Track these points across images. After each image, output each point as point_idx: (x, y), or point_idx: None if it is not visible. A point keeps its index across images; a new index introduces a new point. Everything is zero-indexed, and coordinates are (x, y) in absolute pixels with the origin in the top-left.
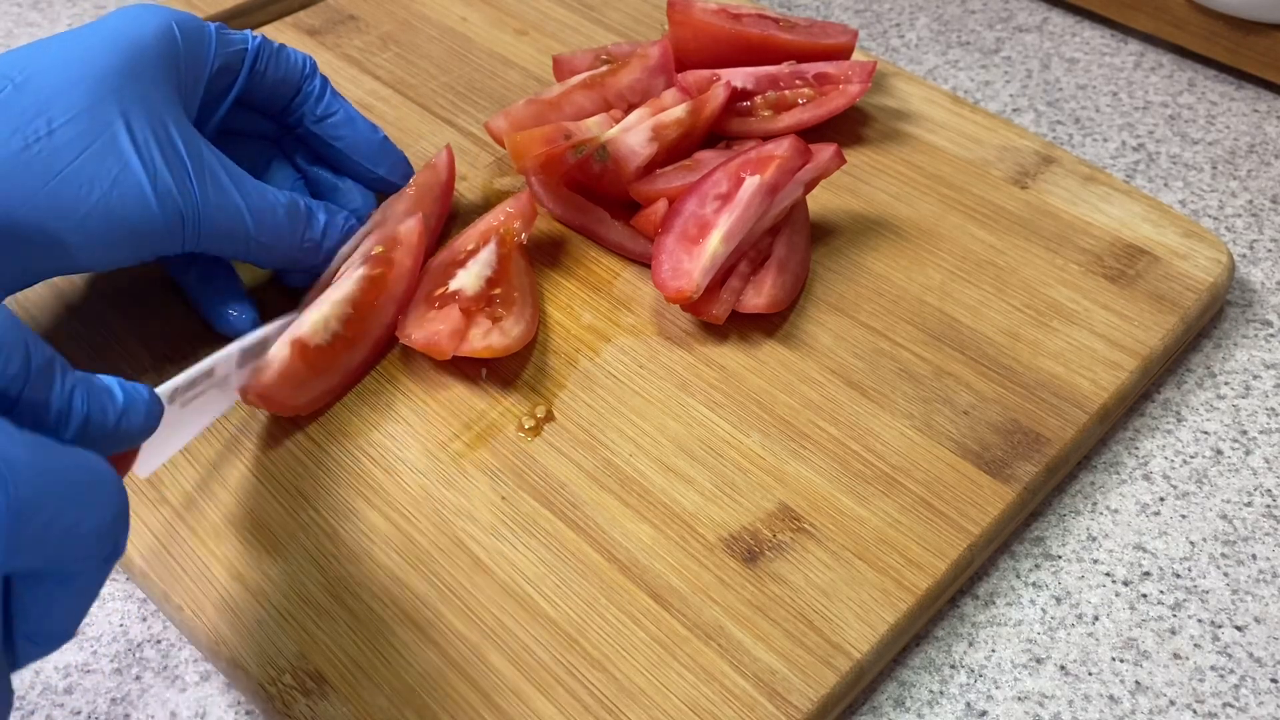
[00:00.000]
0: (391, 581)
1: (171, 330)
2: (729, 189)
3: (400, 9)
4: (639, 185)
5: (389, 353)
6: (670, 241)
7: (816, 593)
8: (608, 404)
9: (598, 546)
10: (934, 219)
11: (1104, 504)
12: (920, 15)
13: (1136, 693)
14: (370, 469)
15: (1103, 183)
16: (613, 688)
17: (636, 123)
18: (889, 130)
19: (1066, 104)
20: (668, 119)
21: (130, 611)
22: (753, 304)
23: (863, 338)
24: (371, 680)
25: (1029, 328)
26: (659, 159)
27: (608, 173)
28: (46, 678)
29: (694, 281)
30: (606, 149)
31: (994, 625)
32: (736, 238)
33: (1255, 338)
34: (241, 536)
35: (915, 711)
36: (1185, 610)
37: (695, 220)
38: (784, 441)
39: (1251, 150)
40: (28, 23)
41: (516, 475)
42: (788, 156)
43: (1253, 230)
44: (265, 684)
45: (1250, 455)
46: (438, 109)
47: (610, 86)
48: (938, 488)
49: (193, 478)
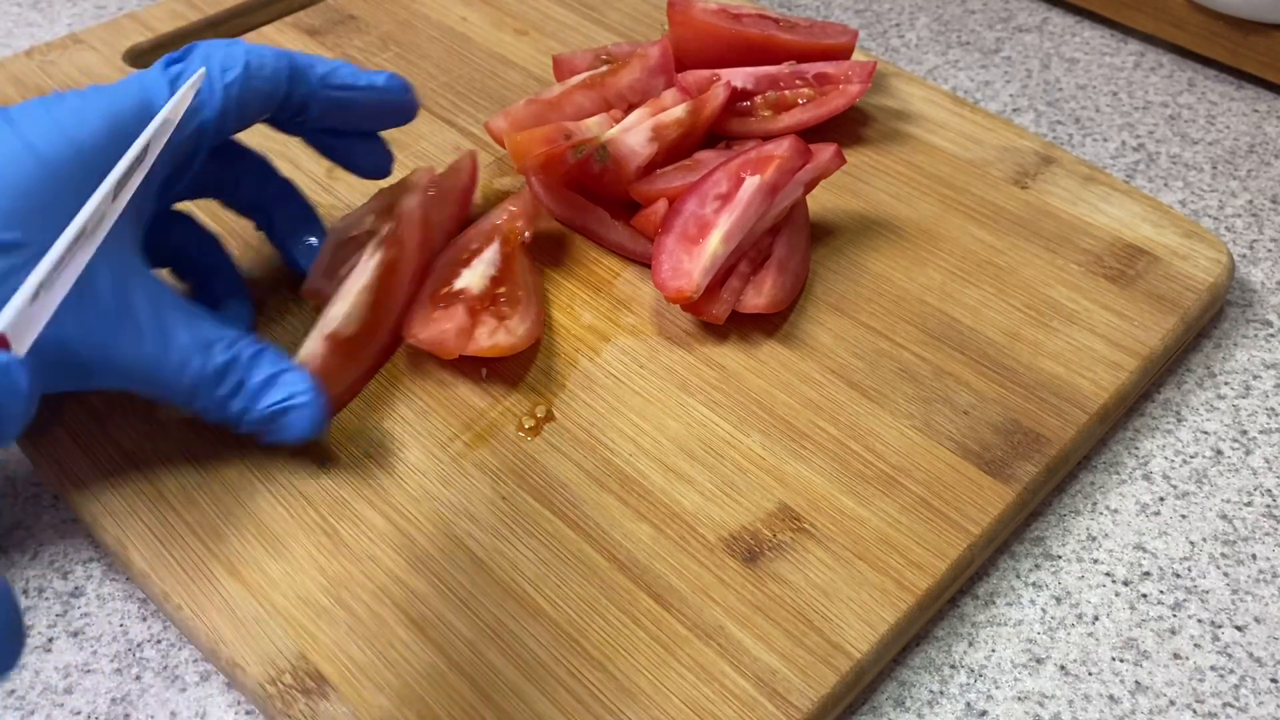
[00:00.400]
0: (391, 581)
1: None
2: (729, 189)
3: (400, 9)
4: (639, 185)
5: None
6: (670, 241)
7: (816, 593)
8: (608, 404)
9: (598, 546)
10: (934, 219)
11: (1104, 504)
12: (920, 15)
13: (1136, 693)
14: (370, 469)
15: (1103, 183)
16: (613, 688)
17: (637, 123)
18: (889, 130)
19: (1066, 104)
20: (668, 119)
21: (130, 611)
22: (753, 304)
23: (863, 338)
24: (371, 680)
25: (1029, 328)
26: (659, 159)
27: (608, 173)
28: (46, 678)
29: (694, 281)
30: (607, 149)
31: (994, 625)
32: (736, 238)
33: (1255, 338)
34: (241, 536)
35: (915, 711)
36: (1185, 610)
37: (695, 220)
38: (784, 441)
39: (1251, 150)
40: (28, 22)
41: (516, 475)
42: (788, 156)
43: (1253, 230)
44: (265, 684)
45: (1250, 455)
46: (438, 109)
47: (610, 87)
48: (938, 488)
49: (193, 478)
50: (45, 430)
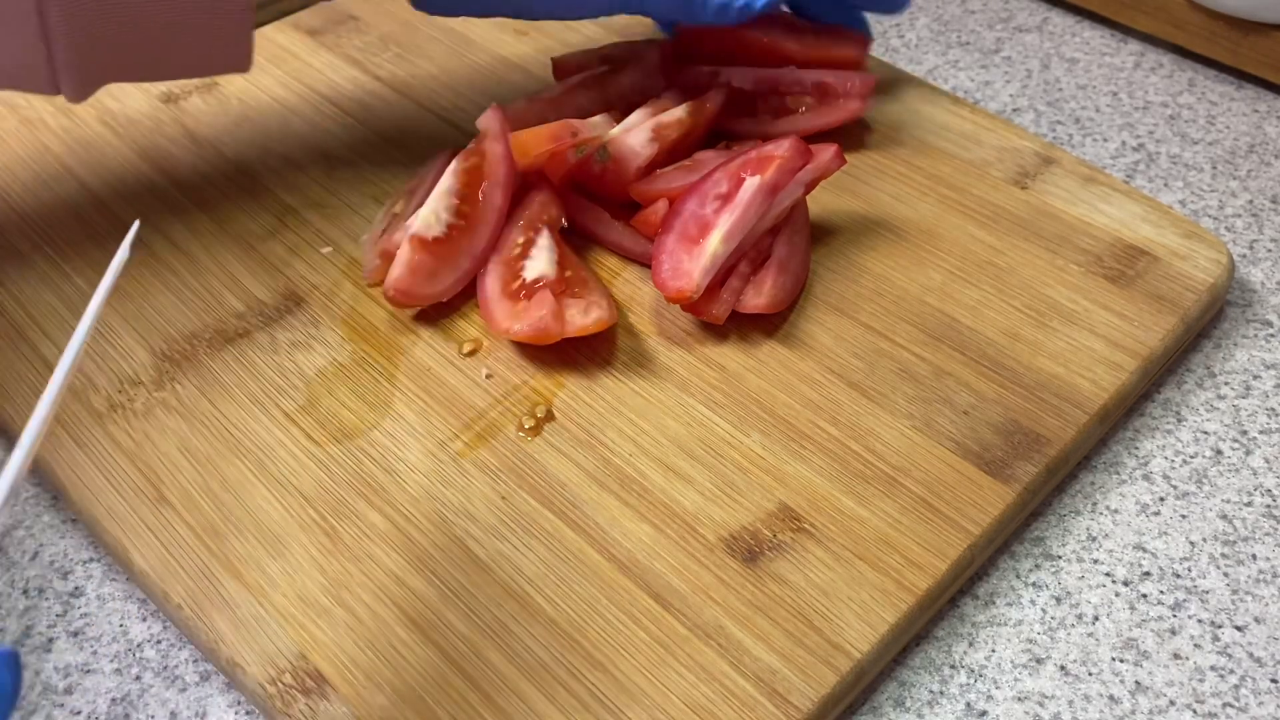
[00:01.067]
0: (391, 581)
1: (170, 329)
2: (729, 189)
3: (400, 9)
4: (639, 185)
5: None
6: (670, 241)
7: (816, 593)
8: (608, 404)
9: (598, 546)
10: (934, 219)
11: (1104, 504)
12: (920, 15)
13: (1136, 693)
14: (370, 469)
15: (1103, 183)
16: (613, 688)
17: (637, 123)
18: (889, 130)
19: (1066, 104)
20: (668, 119)
21: (130, 611)
22: (753, 304)
23: (863, 338)
24: (371, 680)
25: (1029, 328)
26: (659, 159)
27: (608, 173)
28: (47, 678)
29: (694, 281)
30: (607, 149)
31: (994, 625)
32: (736, 238)
33: (1255, 338)
34: (241, 536)
35: (915, 711)
36: (1185, 610)
37: (695, 220)
38: (784, 441)
39: (1251, 150)
40: None
41: (516, 475)
42: (788, 157)
43: (1253, 230)
44: (265, 684)
45: (1250, 455)
46: (438, 109)
47: (611, 87)
48: (938, 488)
49: (193, 478)
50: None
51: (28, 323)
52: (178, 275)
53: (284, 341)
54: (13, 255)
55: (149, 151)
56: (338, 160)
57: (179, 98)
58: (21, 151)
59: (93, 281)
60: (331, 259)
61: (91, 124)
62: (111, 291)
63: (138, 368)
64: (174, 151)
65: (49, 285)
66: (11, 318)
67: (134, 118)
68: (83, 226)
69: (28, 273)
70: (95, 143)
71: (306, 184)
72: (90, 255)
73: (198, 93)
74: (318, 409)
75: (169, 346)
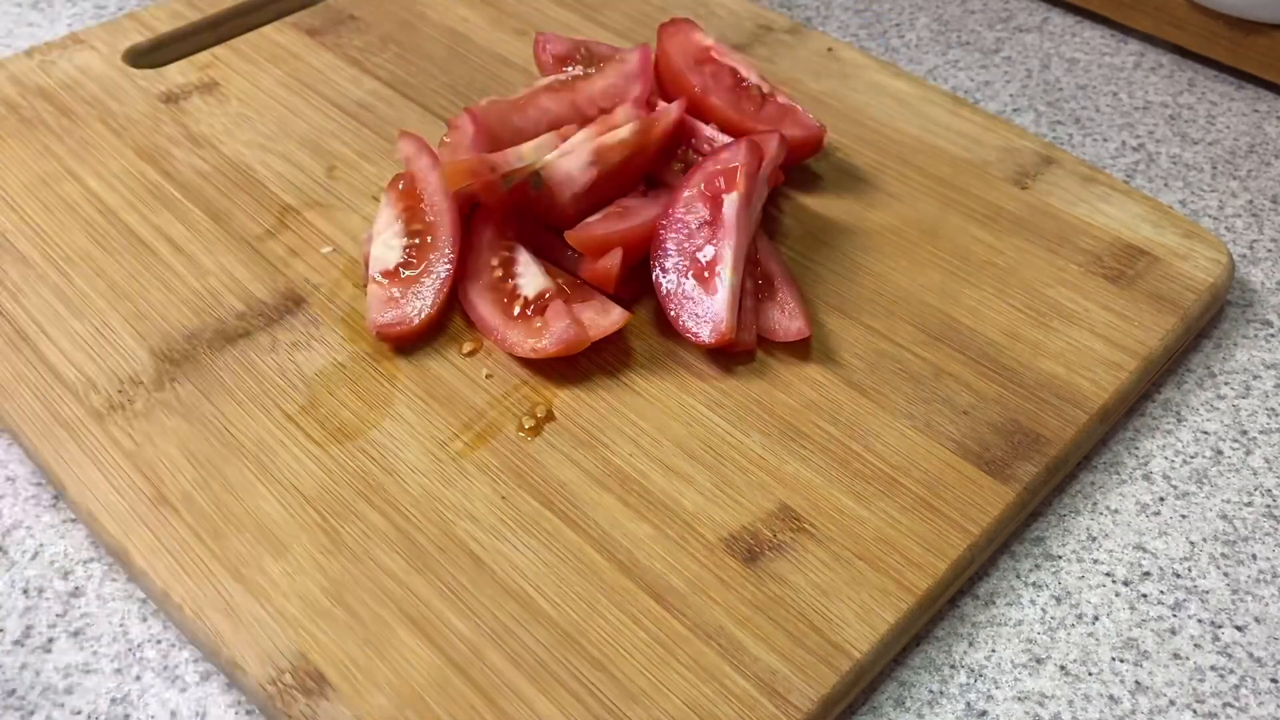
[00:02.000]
0: (391, 581)
1: (170, 329)
2: (711, 214)
3: (400, 9)
4: (576, 233)
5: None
6: (675, 285)
7: (816, 593)
8: (608, 404)
9: (598, 546)
10: (934, 219)
11: (1104, 504)
12: (920, 15)
13: (1136, 693)
14: (370, 469)
15: (1103, 183)
16: (613, 688)
17: (576, 146)
18: (888, 130)
19: (1066, 104)
20: (611, 141)
21: (130, 611)
22: (794, 328)
23: (863, 338)
24: (371, 680)
25: (1029, 328)
26: (601, 183)
27: (542, 199)
28: (47, 678)
29: (726, 321)
30: (541, 176)
31: (994, 625)
32: (741, 261)
33: (1255, 338)
34: (241, 536)
35: (915, 711)
36: (1185, 610)
37: (690, 256)
38: (784, 441)
39: (1251, 150)
40: (28, 22)
41: (516, 475)
42: (746, 160)
43: (1253, 230)
44: (265, 684)
45: (1250, 455)
46: (438, 109)
47: (582, 91)
48: (938, 488)
49: (193, 478)
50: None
51: (28, 323)
52: (178, 275)
53: (284, 342)
54: (13, 255)
55: (149, 151)
56: (338, 160)
57: (179, 98)
58: (22, 151)
59: (93, 281)
60: (331, 259)
61: (91, 124)
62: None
63: (138, 368)
64: (174, 151)
65: (49, 285)
66: (11, 318)
67: (134, 118)
68: (83, 226)
69: (28, 273)
70: (95, 143)
71: (306, 184)
72: (90, 255)
73: (198, 93)
74: (318, 409)
75: (169, 346)
